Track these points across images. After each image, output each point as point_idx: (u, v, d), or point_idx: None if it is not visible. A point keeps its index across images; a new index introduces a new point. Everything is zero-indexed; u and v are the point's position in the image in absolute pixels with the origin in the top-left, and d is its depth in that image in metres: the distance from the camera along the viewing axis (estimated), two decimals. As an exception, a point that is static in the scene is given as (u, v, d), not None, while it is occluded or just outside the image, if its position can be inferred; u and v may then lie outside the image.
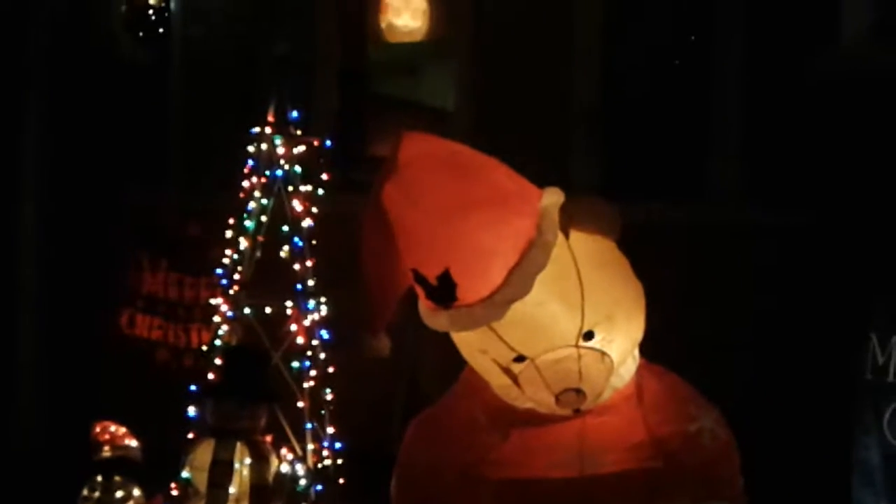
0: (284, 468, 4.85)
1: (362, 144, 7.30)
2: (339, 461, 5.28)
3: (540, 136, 7.31)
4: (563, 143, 7.56)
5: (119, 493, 4.82)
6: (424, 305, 3.01)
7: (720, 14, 7.61)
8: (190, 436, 5.07)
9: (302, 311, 5.21)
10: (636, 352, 3.30)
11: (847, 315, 4.86)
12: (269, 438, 4.95)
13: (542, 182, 3.15)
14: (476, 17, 7.52)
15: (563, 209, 3.06)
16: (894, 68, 6.12)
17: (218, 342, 5.33)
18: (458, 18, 7.63)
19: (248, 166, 5.32)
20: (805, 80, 6.72)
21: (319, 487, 5.06)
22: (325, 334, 5.23)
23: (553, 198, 3.09)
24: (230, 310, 5.31)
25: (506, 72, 7.50)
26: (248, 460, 4.75)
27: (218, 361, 5.24)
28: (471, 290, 2.90)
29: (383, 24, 7.86)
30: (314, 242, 5.27)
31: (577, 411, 3.08)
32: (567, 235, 3.05)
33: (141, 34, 7.40)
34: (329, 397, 5.30)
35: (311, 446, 5.17)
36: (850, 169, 6.16)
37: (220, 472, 4.70)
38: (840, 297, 5.37)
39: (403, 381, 5.84)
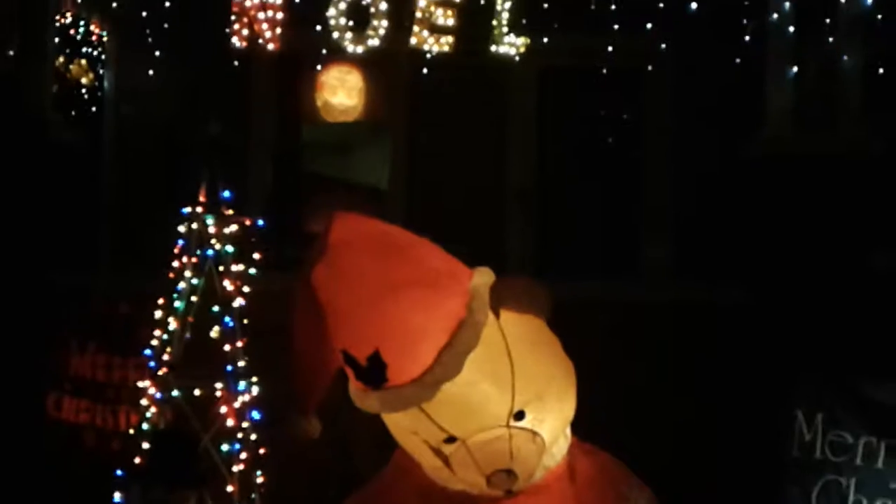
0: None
1: (296, 223, 7.30)
2: (271, 545, 5.18)
3: (474, 216, 7.38)
4: (497, 223, 7.64)
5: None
6: (355, 386, 3.01)
7: (651, 96, 7.82)
8: (117, 522, 4.95)
9: (232, 393, 5.15)
10: (568, 430, 3.31)
11: (773, 392, 4.94)
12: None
13: (476, 261, 3.19)
14: (412, 97, 7.62)
15: (494, 289, 3.09)
16: (814, 150, 6.33)
17: (146, 425, 5.23)
18: (394, 98, 7.72)
19: (178, 246, 5.29)
20: (733, 161, 6.90)
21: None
22: (255, 415, 5.17)
23: (483, 278, 3.12)
24: (159, 392, 5.22)
25: (440, 151, 7.59)
26: (176, 546, 4.64)
27: (146, 445, 5.13)
28: (401, 370, 2.91)
29: (319, 102, 7.92)
30: (245, 322, 5.23)
31: (509, 492, 3.07)
32: (497, 315, 3.07)
33: (72, 114, 7.37)
34: (260, 480, 5.22)
35: (241, 531, 5.07)
36: (776, 247, 6.32)
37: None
38: (766, 374, 5.45)
39: (337, 462, 5.77)
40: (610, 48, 7.24)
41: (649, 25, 6.80)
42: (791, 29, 6.45)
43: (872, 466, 4.77)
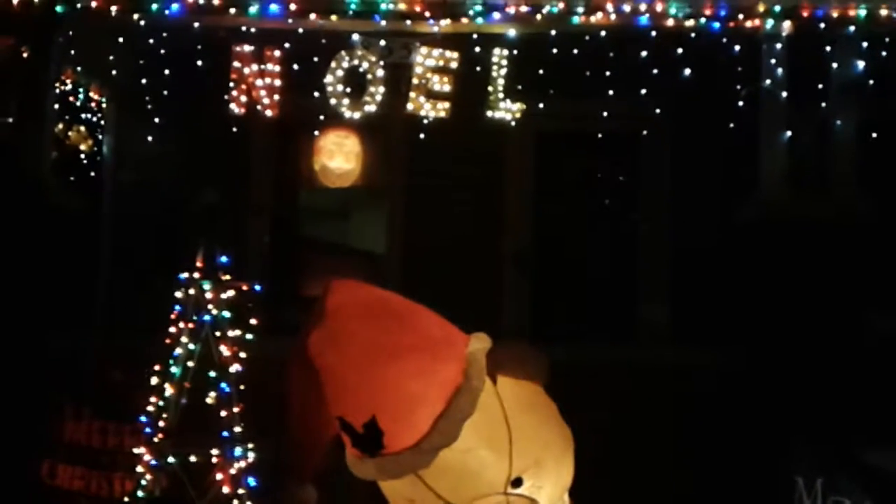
0: None
1: (293, 288, 7.31)
2: None
3: (471, 280, 7.40)
4: (494, 287, 7.65)
5: None
6: (351, 454, 3.01)
7: (646, 160, 7.89)
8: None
9: (228, 459, 5.12)
10: (566, 497, 3.30)
11: (772, 458, 4.92)
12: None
13: (473, 326, 3.20)
14: (408, 162, 7.68)
15: (491, 355, 3.10)
16: (808, 214, 6.37)
17: (141, 493, 5.19)
18: (391, 162, 7.79)
19: (175, 311, 5.31)
20: (728, 225, 6.93)
21: None
22: (251, 482, 5.13)
23: (480, 344, 3.14)
24: (154, 458, 5.20)
25: (437, 215, 7.63)
26: None
27: (141, 513, 5.10)
28: (398, 437, 2.91)
29: (317, 167, 7.98)
30: (242, 388, 5.22)
31: (507, 560, 3.05)
32: (494, 381, 3.08)
33: (71, 179, 7.42)
34: (256, 547, 5.17)
35: None
36: (773, 310, 6.32)
37: None
38: (765, 440, 5.42)
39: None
40: (605, 113, 7.34)
41: (644, 91, 6.90)
42: (784, 94, 6.52)
43: (872, 532, 4.76)
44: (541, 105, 6.80)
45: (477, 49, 6.52)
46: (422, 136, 6.73)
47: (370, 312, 3.02)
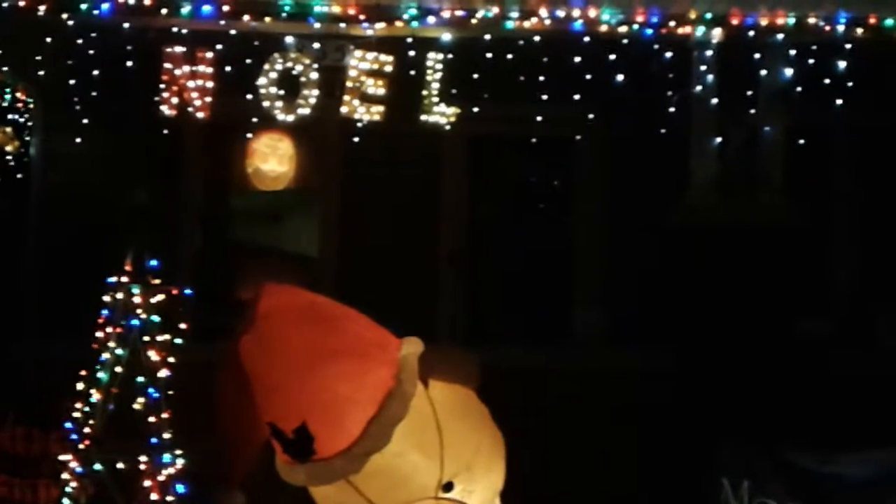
0: None
1: (225, 292, 7.23)
2: None
3: (406, 283, 7.40)
4: (429, 290, 7.66)
5: None
6: (281, 460, 2.98)
7: (580, 164, 7.96)
8: None
9: (156, 466, 5.05)
10: (497, 501, 3.31)
11: (699, 459, 4.99)
12: None
13: (408, 329, 3.19)
14: (343, 165, 7.65)
15: (423, 359, 3.10)
16: (737, 219, 6.48)
17: (67, 500, 5.10)
18: (325, 165, 7.75)
19: (103, 316, 5.22)
20: (660, 229, 7.02)
21: None
22: (180, 489, 5.07)
23: (412, 348, 3.14)
24: (80, 466, 5.10)
25: (372, 218, 7.62)
26: None
27: (66, 521, 5.00)
28: (329, 443, 2.90)
29: (250, 170, 7.91)
30: (170, 393, 5.15)
31: (438, 565, 3.05)
32: (426, 385, 3.08)
33: (-3, 181, 7.29)
34: (185, 556, 5.10)
35: None
36: (702, 313, 6.41)
37: None
38: (693, 441, 5.49)
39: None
40: (539, 118, 7.38)
41: (577, 96, 6.95)
42: (715, 101, 6.62)
43: (797, 533, 4.86)
44: (475, 109, 6.81)
45: (412, 53, 6.52)
46: (356, 139, 6.71)
47: (301, 317, 3.01)
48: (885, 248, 7.78)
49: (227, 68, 6.42)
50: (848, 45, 6.38)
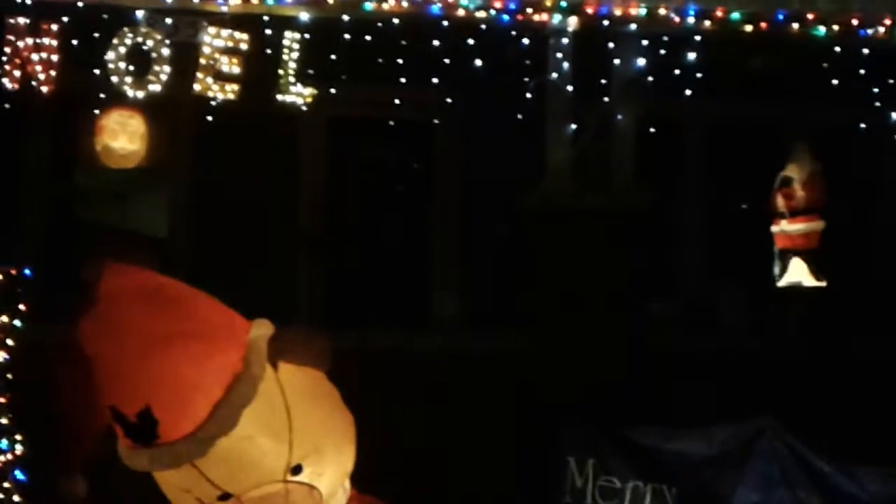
0: None
1: (70, 272, 7.01)
2: None
3: (262, 265, 7.32)
4: (285, 272, 7.60)
5: None
6: (124, 444, 2.91)
7: (439, 148, 8.01)
8: None
9: (-6, 452, 4.88)
10: (347, 483, 3.31)
11: (546, 439, 5.11)
12: None
13: (263, 312, 3.16)
14: (196, 144, 7.51)
15: (272, 341, 3.07)
16: (590, 204, 6.64)
17: None
18: (178, 144, 7.58)
19: (-64, 296, 5.01)
20: (516, 214, 7.13)
21: None
22: (19, 476, 4.90)
23: (261, 330, 3.10)
24: (-88, 454, 4.88)
25: (226, 199, 7.50)
26: None
27: None
28: (173, 427, 2.84)
29: (98, 147, 7.66)
30: (9, 377, 4.97)
31: (286, 547, 3.04)
32: (276, 367, 3.05)
33: None
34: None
35: None
36: (555, 296, 6.56)
37: None
38: (541, 421, 5.61)
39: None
40: (397, 101, 7.40)
41: (435, 80, 6.99)
42: (570, 88, 6.75)
43: (639, 509, 5.04)
44: (333, 90, 6.78)
45: (268, 31, 6.44)
46: (209, 118, 6.60)
47: (146, 298, 2.92)
48: (729, 234, 8.11)
49: (74, 42, 6.23)
50: (697, 37, 6.62)
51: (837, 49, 6.71)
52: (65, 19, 6.13)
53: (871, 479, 5.18)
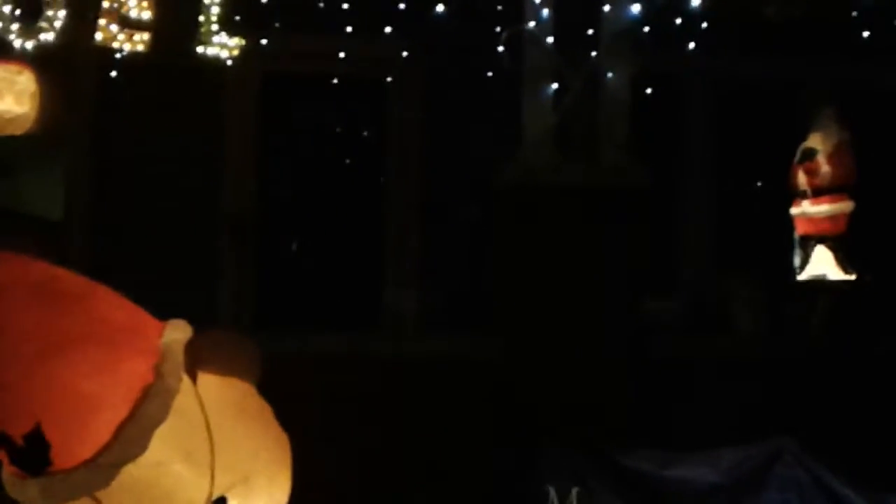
0: None
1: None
2: None
3: (179, 254, 7.29)
4: (208, 262, 7.57)
5: None
6: (9, 472, 2.89)
7: (392, 111, 8.00)
8: None
9: None
10: (281, 516, 3.31)
11: (522, 462, 5.13)
12: None
13: (179, 312, 3.14)
14: (98, 105, 7.45)
15: (190, 347, 3.06)
16: (576, 179, 6.65)
17: None
18: (76, 105, 7.52)
19: None
20: (486, 191, 7.12)
21: None
22: None
23: (176, 333, 3.08)
24: None
25: (135, 173, 7.46)
26: None
27: None
28: (69, 451, 2.82)
29: (-23, 109, 7.60)
30: None
31: None
32: (194, 379, 3.04)
33: None
34: None
35: None
36: (533, 292, 6.58)
37: None
38: (512, 440, 5.63)
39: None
40: (342, 54, 7.37)
41: (388, 29, 6.97)
42: (550, 40, 6.74)
43: (626, 534, 5.08)
44: (264, 41, 6.75)
45: (186, -30, 6.43)
46: (114, 73, 6.57)
47: (33, 294, 2.91)
48: (741, 218, 8.17)
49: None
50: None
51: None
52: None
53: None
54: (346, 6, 6.83)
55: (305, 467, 3.30)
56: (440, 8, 6.68)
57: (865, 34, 6.86)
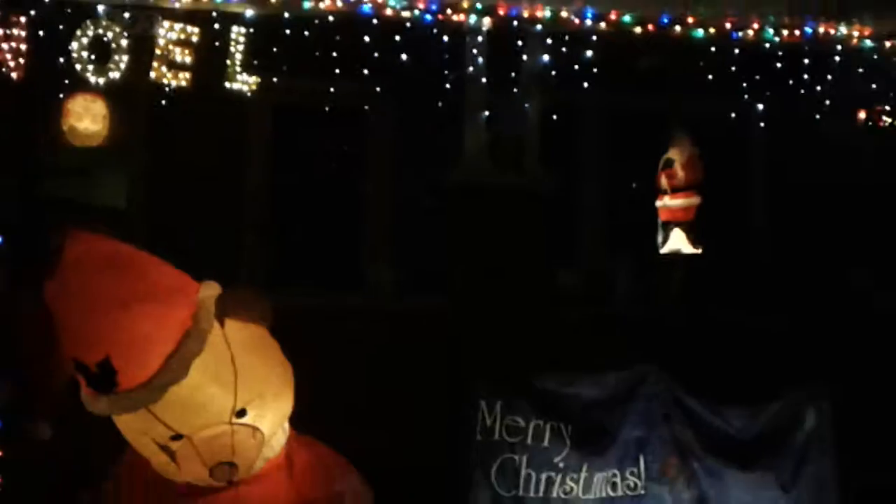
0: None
1: (41, 243, 6.84)
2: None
3: (212, 233, 7.23)
4: (233, 243, 7.52)
5: None
6: (85, 392, 2.90)
7: (371, 134, 7.99)
8: None
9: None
10: (286, 425, 3.33)
11: (465, 386, 5.16)
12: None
13: (213, 274, 3.15)
14: (153, 126, 7.38)
15: (219, 300, 3.07)
16: (501, 184, 6.69)
17: None
18: (136, 124, 7.45)
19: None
20: (439, 189, 7.15)
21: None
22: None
23: (209, 291, 3.10)
24: None
25: (180, 175, 7.38)
26: None
27: None
28: (131, 376, 2.84)
29: (65, 128, 7.51)
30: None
31: (231, 483, 3.06)
32: (222, 324, 3.06)
33: None
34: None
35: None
36: (472, 264, 6.61)
37: None
38: (463, 373, 5.62)
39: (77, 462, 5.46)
40: (332, 90, 7.35)
41: (366, 72, 6.96)
42: (484, 80, 6.78)
43: (540, 445, 5.12)
44: (275, 80, 6.72)
45: (217, 26, 6.37)
46: (164, 102, 6.50)
47: (104, 262, 2.91)
48: (623, 209, 8.24)
49: (41, 33, 6.11)
50: (594, 37, 6.71)
51: (713, 49, 6.85)
52: (32, 13, 6.01)
53: (736, 417, 5.34)
54: (335, 55, 6.80)
55: (304, 389, 3.33)
56: (404, 56, 6.70)
57: (710, 77, 6.95)
